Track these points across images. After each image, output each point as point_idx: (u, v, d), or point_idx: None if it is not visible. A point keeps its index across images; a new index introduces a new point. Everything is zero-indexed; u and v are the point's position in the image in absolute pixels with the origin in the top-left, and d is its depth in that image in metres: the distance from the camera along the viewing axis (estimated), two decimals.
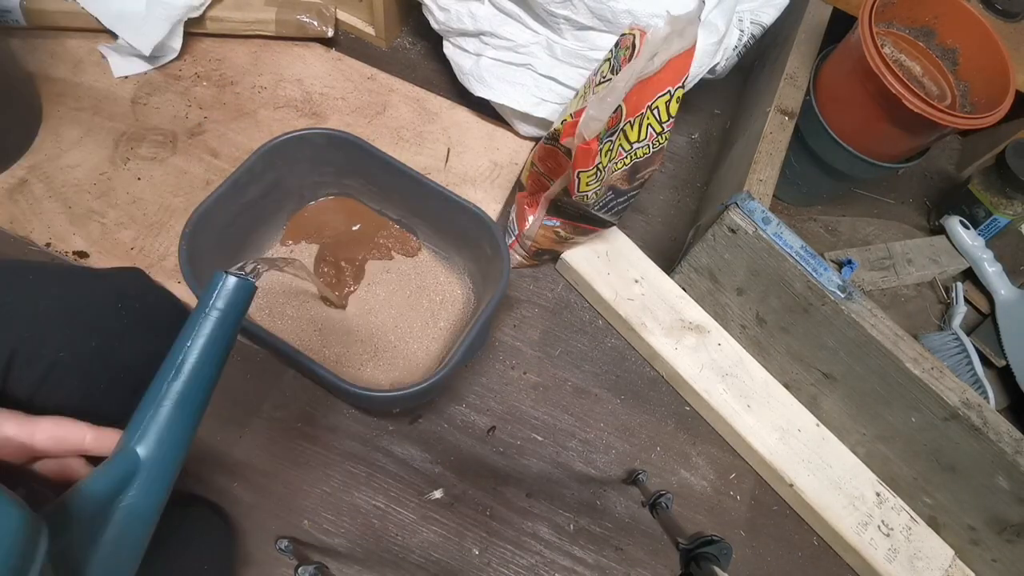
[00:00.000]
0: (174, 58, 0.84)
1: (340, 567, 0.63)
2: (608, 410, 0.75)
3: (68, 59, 0.82)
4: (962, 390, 0.61)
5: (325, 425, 0.69)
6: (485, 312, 0.60)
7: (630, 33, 0.55)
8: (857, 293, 0.63)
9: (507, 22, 0.73)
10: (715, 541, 0.47)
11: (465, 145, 0.85)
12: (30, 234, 0.70)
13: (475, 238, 0.68)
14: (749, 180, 0.70)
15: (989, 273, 0.85)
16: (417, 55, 0.96)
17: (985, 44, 0.71)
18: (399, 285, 0.75)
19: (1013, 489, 0.61)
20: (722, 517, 0.72)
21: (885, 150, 0.75)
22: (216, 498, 0.64)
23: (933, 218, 0.94)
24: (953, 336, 0.81)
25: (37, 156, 0.75)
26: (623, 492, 0.71)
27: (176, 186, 0.76)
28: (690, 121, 0.98)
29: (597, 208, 0.66)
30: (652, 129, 0.58)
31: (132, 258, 0.71)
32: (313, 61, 0.88)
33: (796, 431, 0.73)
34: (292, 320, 0.71)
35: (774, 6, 0.80)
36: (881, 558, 0.68)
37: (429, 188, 0.66)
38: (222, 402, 0.69)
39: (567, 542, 0.68)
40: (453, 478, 0.69)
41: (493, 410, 0.73)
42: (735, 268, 0.70)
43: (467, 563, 0.66)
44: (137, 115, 0.80)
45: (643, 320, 0.76)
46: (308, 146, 0.67)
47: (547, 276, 0.82)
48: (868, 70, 0.66)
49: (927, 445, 0.65)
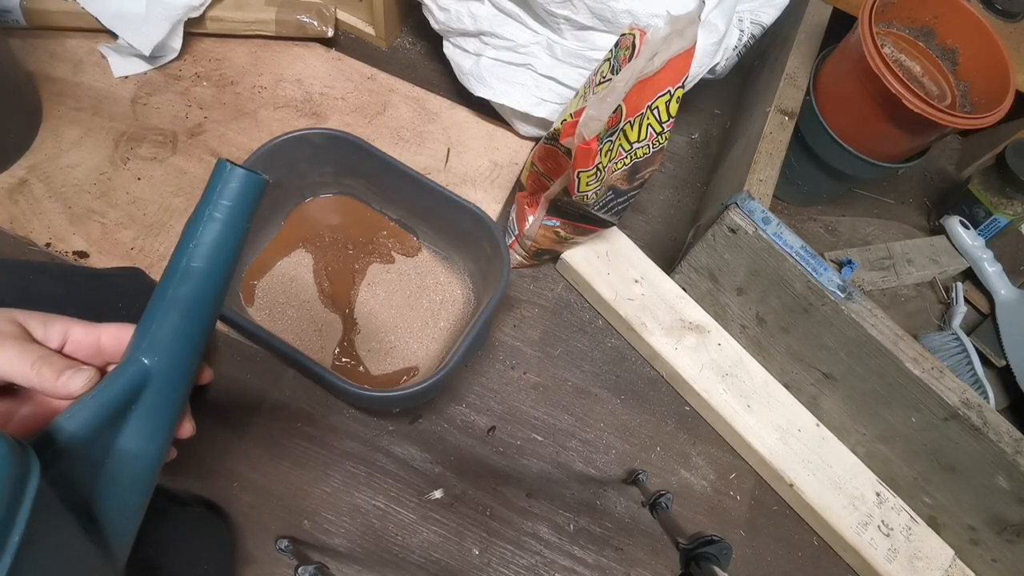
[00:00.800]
0: (174, 58, 0.84)
1: (340, 567, 0.63)
2: (608, 410, 0.75)
3: (68, 59, 0.82)
4: (962, 390, 0.61)
5: (325, 425, 0.69)
6: (485, 312, 0.60)
7: (630, 33, 0.55)
8: (857, 293, 0.63)
9: (507, 22, 0.73)
10: (715, 541, 0.47)
11: (465, 145, 0.85)
12: (30, 234, 0.70)
13: (475, 238, 0.68)
14: (749, 180, 0.70)
15: (989, 273, 0.85)
16: (417, 55, 0.96)
17: (985, 44, 0.71)
18: (399, 285, 0.75)
19: (1013, 489, 0.61)
20: (722, 517, 0.72)
21: (885, 150, 0.75)
22: (216, 498, 0.64)
23: (933, 218, 0.94)
24: (953, 336, 0.81)
25: (37, 156, 0.75)
26: (623, 492, 0.71)
27: (176, 186, 0.76)
28: (690, 121, 0.98)
29: (597, 208, 0.66)
30: (652, 129, 0.58)
31: (132, 258, 0.71)
32: (313, 61, 0.88)
33: (796, 431, 0.73)
34: (292, 320, 0.71)
35: (774, 6, 0.80)
36: (881, 558, 0.68)
37: (429, 188, 0.66)
38: (222, 402, 0.69)
39: (567, 542, 0.68)
40: (453, 478, 0.69)
41: (493, 410, 0.73)
42: (735, 268, 0.70)
43: (467, 563, 0.66)
44: (137, 115, 0.80)
45: (643, 320, 0.76)
46: (308, 146, 0.67)
47: (547, 276, 0.82)
48: (868, 70, 0.66)
49: (927, 445, 0.65)
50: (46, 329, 0.32)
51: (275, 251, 0.74)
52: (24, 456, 0.23)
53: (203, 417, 0.35)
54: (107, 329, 0.33)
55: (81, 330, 0.32)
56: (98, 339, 0.32)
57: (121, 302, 0.46)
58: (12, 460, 0.22)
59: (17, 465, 0.23)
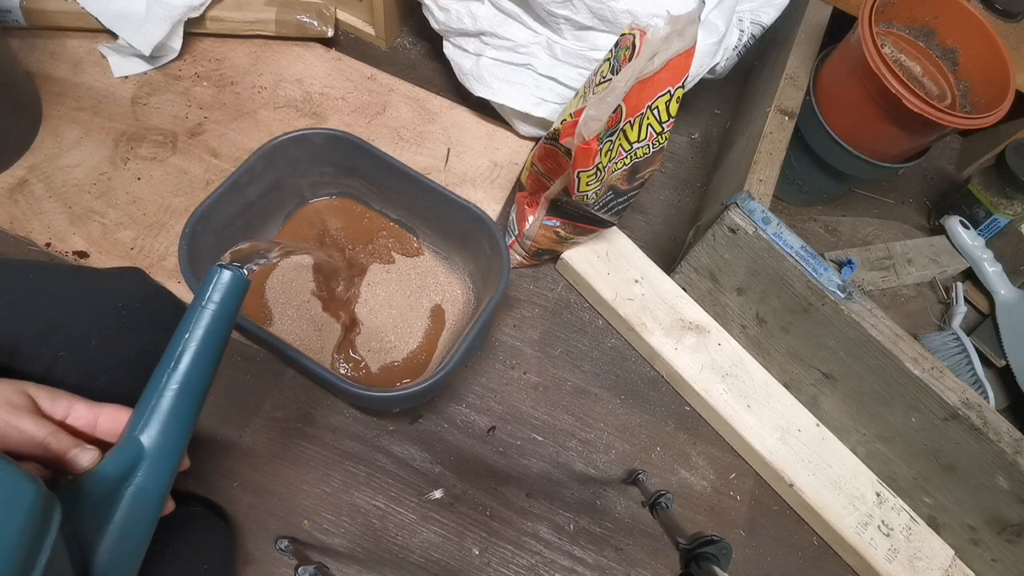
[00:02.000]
0: (174, 58, 0.84)
1: (340, 567, 0.63)
2: (608, 410, 0.75)
3: (68, 59, 0.82)
4: (962, 390, 0.61)
5: (325, 425, 0.69)
6: (485, 312, 0.60)
7: (630, 33, 0.55)
8: (857, 293, 0.63)
9: (507, 22, 0.73)
10: (715, 541, 0.47)
11: (465, 145, 0.85)
12: (30, 234, 0.70)
13: (475, 238, 0.68)
14: (749, 180, 0.70)
15: (989, 273, 0.85)
16: (417, 55, 0.96)
17: (985, 44, 0.71)
18: (399, 285, 0.75)
19: (1013, 489, 0.61)
20: (722, 517, 0.72)
21: (885, 150, 0.75)
22: (216, 498, 0.64)
23: (933, 218, 0.94)
24: (953, 336, 0.81)
25: (37, 156, 0.75)
26: (623, 492, 0.71)
27: (176, 186, 0.76)
28: (690, 121, 0.98)
29: (597, 208, 0.66)
30: (652, 129, 0.58)
31: (132, 258, 0.71)
32: (313, 61, 0.88)
33: (796, 431, 0.73)
34: (292, 320, 0.71)
35: (774, 6, 0.80)
36: (881, 558, 0.68)
37: (429, 188, 0.66)
38: (222, 402, 0.69)
39: (567, 542, 0.68)
40: (453, 478, 0.69)
41: (493, 410, 0.73)
42: (735, 268, 0.70)
43: (467, 563, 0.66)
44: (137, 115, 0.80)
45: (643, 320, 0.76)
46: (308, 146, 0.67)
47: (547, 276, 0.82)
48: (868, 70, 0.66)
49: (927, 445, 0.65)
50: (52, 403, 0.35)
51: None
52: (50, 503, 0.26)
53: (203, 417, 0.37)
54: (106, 410, 0.36)
55: (83, 408, 0.36)
56: (97, 417, 0.36)
57: (121, 302, 0.46)
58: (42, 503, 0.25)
59: (45, 510, 0.26)
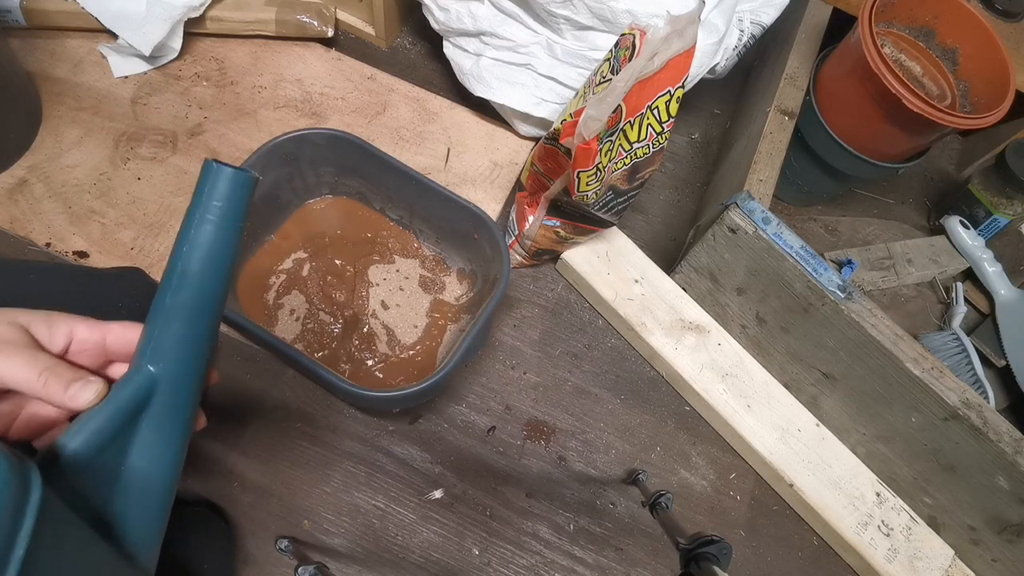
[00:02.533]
0: (174, 58, 0.84)
1: (340, 567, 0.63)
2: (608, 410, 0.75)
3: (68, 59, 0.82)
4: (962, 390, 0.61)
5: (325, 425, 0.69)
6: (485, 312, 0.60)
7: (630, 33, 0.55)
8: (857, 293, 0.63)
9: (507, 22, 0.73)
10: (715, 541, 0.47)
11: (465, 145, 0.85)
12: (30, 234, 0.70)
13: (475, 238, 0.68)
14: (749, 180, 0.70)
15: (989, 273, 0.85)
16: (417, 55, 0.96)
17: (985, 44, 0.71)
18: (399, 285, 0.75)
19: (1013, 489, 0.61)
20: (722, 517, 0.72)
21: (885, 150, 0.75)
22: (216, 498, 0.64)
23: (933, 218, 0.94)
24: (953, 336, 0.81)
25: (37, 156, 0.75)
26: (623, 492, 0.71)
27: (176, 186, 0.76)
28: (690, 121, 0.98)
29: (597, 208, 0.66)
30: (652, 129, 0.58)
31: (132, 258, 0.71)
32: (313, 61, 0.88)
33: (796, 431, 0.73)
34: (292, 320, 0.71)
35: (774, 6, 0.80)
36: (881, 558, 0.68)
37: (429, 188, 0.66)
38: (222, 402, 0.69)
39: (567, 542, 0.68)
40: (453, 478, 0.69)
41: (493, 410, 0.73)
42: (735, 268, 0.70)
43: (467, 563, 0.66)
44: (137, 115, 0.80)
45: (643, 320, 0.76)
46: (308, 146, 0.67)
47: (547, 276, 0.82)
48: (868, 70, 0.66)
49: (927, 445, 0.65)
50: (51, 330, 0.31)
51: (275, 251, 0.74)
52: (24, 472, 0.23)
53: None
54: (113, 328, 0.32)
55: (86, 329, 0.31)
56: (103, 338, 0.32)
57: (121, 302, 0.46)
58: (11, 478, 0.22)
59: (17, 483, 0.22)
